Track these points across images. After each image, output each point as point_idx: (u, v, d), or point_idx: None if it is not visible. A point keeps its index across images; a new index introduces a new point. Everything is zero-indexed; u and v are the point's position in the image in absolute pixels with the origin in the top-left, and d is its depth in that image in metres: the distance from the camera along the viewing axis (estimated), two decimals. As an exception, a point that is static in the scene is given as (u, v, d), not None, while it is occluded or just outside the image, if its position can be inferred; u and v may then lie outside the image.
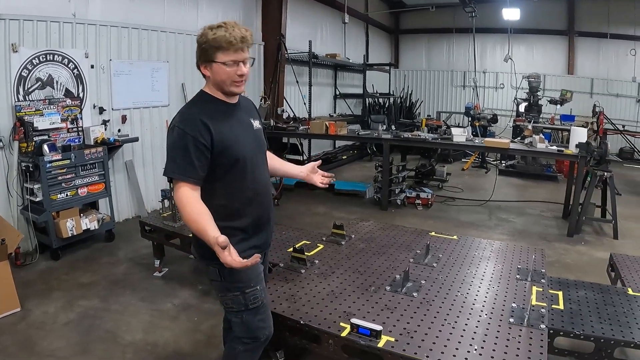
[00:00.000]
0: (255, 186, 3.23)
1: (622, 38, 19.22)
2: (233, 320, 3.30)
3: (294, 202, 10.50)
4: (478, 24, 16.79)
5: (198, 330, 5.18)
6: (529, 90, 14.66)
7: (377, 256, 5.04)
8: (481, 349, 3.28)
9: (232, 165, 3.08)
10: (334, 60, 15.57)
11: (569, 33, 20.29)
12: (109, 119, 8.45)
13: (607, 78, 19.73)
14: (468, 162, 16.19)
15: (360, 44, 19.89)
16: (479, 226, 9.45)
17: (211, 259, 3.01)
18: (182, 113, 3.07)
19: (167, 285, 6.30)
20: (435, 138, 10.53)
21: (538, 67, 18.19)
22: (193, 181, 2.94)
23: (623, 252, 7.10)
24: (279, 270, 4.57)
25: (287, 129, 11.52)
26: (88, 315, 5.45)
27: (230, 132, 3.08)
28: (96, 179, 7.57)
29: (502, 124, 16.52)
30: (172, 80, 9.63)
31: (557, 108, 15.25)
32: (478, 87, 19.53)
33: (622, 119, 18.96)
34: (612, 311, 4.14)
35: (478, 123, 14.97)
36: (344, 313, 3.74)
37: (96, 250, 7.49)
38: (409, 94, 21.47)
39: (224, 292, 3.21)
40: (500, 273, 4.70)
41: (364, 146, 16.95)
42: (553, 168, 14.64)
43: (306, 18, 15.34)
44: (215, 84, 3.09)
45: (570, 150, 9.13)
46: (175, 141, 2.95)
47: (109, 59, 8.43)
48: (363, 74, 18.34)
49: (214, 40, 2.93)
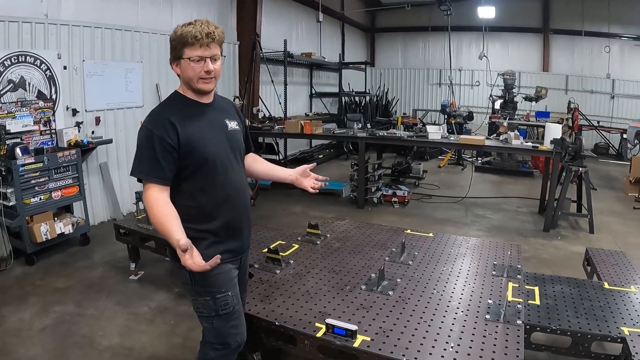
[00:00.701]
0: (226, 188, 3.17)
1: (597, 35, 19.49)
2: (204, 325, 3.26)
3: (271, 202, 10.48)
4: (454, 22, 16.81)
5: (174, 334, 5.15)
6: (504, 87, 14.75)
7: (352, 255, 5.05)
8: (457, 346, 3.29)
9: (200, 166, 3.04)
10: (310, 59, 15.57)
11: (544, 31, 20.58)
12: (82, 121, 8.38)
13: (582, 75, 20.03)
14: (444, 159, 16.27)
15: (336, 42, 19.92)
16: (456, 223, 9.52)
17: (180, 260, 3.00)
18: (152, 114, 3.05)
19: (143, 289, 6.26)
20: (410, 136, 10.61)
21: (513, 65, 18.37)
22: (160, 181, 2.92)
23: (599, 246, 7.21)
24: (254, 271, 4.54)
25: (263, 128, 11.51)
26: (64, 321, 5.39)
27: (199, 132, 3.04)
28: (70, 182, 7.49)
29: (478, 121, 16.69)
30: (146, 80, 9.56)
31: (532, 105, 15.39)
32: (454, 84, 19.59)
33: (596, 115, 19.27)
34: (589, 305, 4.18)
35: (454, 120, 15.04)
36: (319, 313, 3.73)
37: (71, 255, 7.41)
38: (385, 92, 21.62)
39: (195, 296, 3.16)
40: (476, 270, 4.74)
41: (341, 145, 16.98)
42: (529, 164, 14.81)
43: (281, 17, 15.33)
44: (185, 82, 3.06)
45: (545, 146, 9.22)
46: (142, 141, 2.93)
47: (82, 59, 8.35)
48: (339, 73, 18.37)
49: (181, 36, 2.92)
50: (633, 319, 3.95)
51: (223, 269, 3.13)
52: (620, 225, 9.55)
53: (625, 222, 9.77)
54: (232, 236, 3.25)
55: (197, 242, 2.95)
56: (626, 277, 4.97)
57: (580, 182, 9.32)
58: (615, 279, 4.89)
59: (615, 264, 5.34)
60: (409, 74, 23.16)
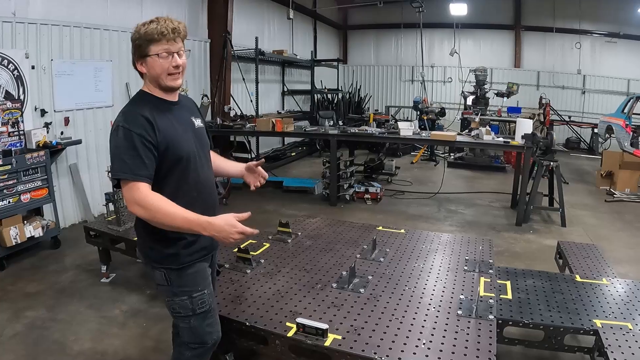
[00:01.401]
0: (198, 185, 3.15)
1: (568, 32, 19.91)
2: (180, 326, 3.22)
3: (243, 201, 10.37)
4: (426, 19, 16.89)
5: (147, 336, 5.10)
6: (475, 83, 14.87)
7: (323, 253, 5.03)
8: (429, 342, 3.30)
9: (175, 163, 2.99)
10: (282, 57, 15.58)
11: (516, 27, 20.91)
12: (51, 122, 8.25)
13: (553, 71, 20.38)
14: (417, 155, 16.36)
15: (308, 40, 19.98)
16: (429, 219, 9.56)
17: (159, 262, 3.02)
18: (125, 112, 2.95)
19: (114, 291, 6.19)
20: (382, 132, 10.61)
21: (485, 61, 18.58)
22: (147, 180, 2.83)
23: (571, 239, 7.31)
24: (224, 271, 4.51)
25: (234, 127, 11.47)
26: (35, 326, 5.31)
27: (172, 129, 2.99)
28: (39, 184, 7.37)
29: (451, 117, 16.77)
30: (116, 79, 9.49)
31: (504, 100, 15.56)
32: (426, 81, 19.70)
33: (568, 110, 19.66)
34: (561, 299, 4.22)
35: (426, 116, 15.19)
36: (290, 313, 3.70)
37: (42, 258, 7.30)
38: (357, 89, 21.75)
39: (170, 296, 3.12)
40: (448, 265, 4.76)
41: (314, 142, 16.97)
42: (501, 159, 14.95)
43: (253, 14, 15.31)
44: (153, 79, 3.01)
45: (517, 141, 9.30)
46: (122, 141, 2.82)
47: (51, 59, 8.22)
48: (311, 70, 18.30)
49: (146, 33, 2.88)
50: (605, 311, 3.99)
51: (198, 268, 3.15)
52: (591, 218, 9.67)
53: (597, 215, 9.90)
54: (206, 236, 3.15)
55: (174, 243, 3.02)
56: (598, 270, 5.03)
57: (551, 176, 9.42)
58: (587, 272, 4.95)
59: (587, 257, 5.41)
60: (381, 70, 23.26)
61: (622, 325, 3.73)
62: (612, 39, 19.52)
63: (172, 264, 3.05)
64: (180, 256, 3.03)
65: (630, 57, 19.40)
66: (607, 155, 12.33)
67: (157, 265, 3.06)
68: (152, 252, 3.05)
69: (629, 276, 6.25)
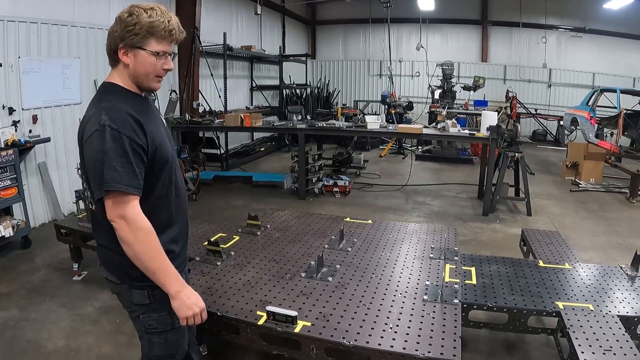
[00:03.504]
0: (179, 189, 2.94)
1: (534, 27, 20.32)
2: (154, 341, 2.97)
3: (212, 196, 10.47)
4: (394, 14, 17.01)
5: (120, 332, 5.13)
6: (442, 77, 15.01)
7: (292, 244, 5.10)
8: (396, 327, 3.39)
9: (162, 167, 2.75)
10: (250, 52, 15.60)
11: (483, 22, 21.14)
12: (19, 120, 8.16)
13: (520, 65, 20.75)
14: (385, 148, 16.49)
15: (276, 35, 20.01)
16: (397, 210, 9.69)
17: (141, 280, 2.73)
18: (108, 110, 2.54)
19: (87, 289, 6.19)
20: (349, 126, 10.74)
21: (453, 56, 18.91)
22: (138, 192, 2.57)
23: (536, 227, 7.48)
24: (195, 263, 4.55)
25: (203, 122, 11.44)
26: (8, 327, 5.31)
27: (155, 128, 2.74)
28: (8, 183, 7.33)
29: (419, 111, 16.89)
30: (84, 76, 9.43)
31: (471, 94, 15.75)
32: (394, 75, 19.81)
33: (534, 103, 20.10)
34: (524, 283, 4.34)
35: (394, 110, 15.29)
36: (260, 302, 3.77)
37: (13, 258, 7.25)
38: (326, 84, 21.79)
39: (149, 313, 2.87)
40: (414, 253, 4.86)
41: (283, 137, 17.06)
42: (468, 152, 15.16)
43: (221, 10, 15.31)
44: (134, 75, 2.68)
45: (482, 133, 9.43)
46: (110, 145, 2.46)
47: (18, 56, 8.15)
48: (279, 66, 18.34)
49: (151, 25, 2.58)
50: (567, 294, 4.11)
51: None
52: (557, 207, 9.90)
53: (562, 204, 10.14)
54: (184, 241, 3.08)
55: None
56: (560, 255, 5.15)
57: (517, 167, 9.57)
58: (550, 257, 5.07)
59: (550, 243, 5.53)
60: (350, 65, 23.36)
61: (584, 307, 3.84)
62: (578, 33, 19.90)
63: None
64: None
65: (595, 51, 19.81)
66: (572, 147, 12.57)
67: (139, 283, 2.76)
68: (134, 270, 2.68)
69: (593, 262, 6.37)
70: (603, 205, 10.11)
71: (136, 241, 2.54)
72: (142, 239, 2.55)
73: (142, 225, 2.55)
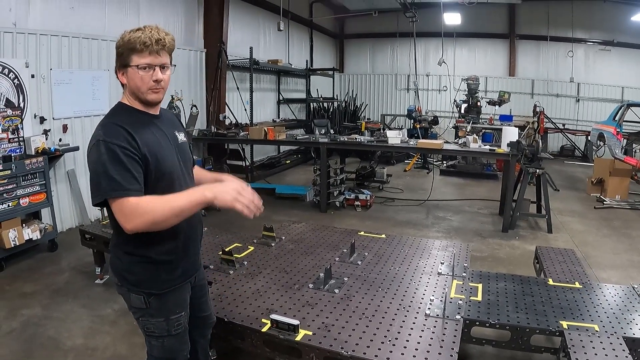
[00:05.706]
0: None
1: (561, 40, 20.10)
2: (153, 344, 3.11)
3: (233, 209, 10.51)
4: (421, 28, 17.10)
5: (136, 334, 5.20)
6: (468, 92, 14.99)
7: (304, 256, 5.22)
8: (395, 339, 3.47)
9: (159, 179, 2.80)
10: (276, 66, 15.66)
11: (510, 36, 20.97)
12: (49, 129, 8.44)
13: (547, 79, 20.52)
14: (410, 163, 16.48)
15: (304, 48, 20.12)
16: (416, 225, 9.70)
17: (137, 286, 2.89)
18: (104, 125, 2.73)
19: (107, 292, 6.32)
20: (370, 140, 10.81)
21: (480, 70, 18.86)
22: (137, 194, 2.62)
23: (556, 245, 7.45)
24: (208, 271, 4.65)
25: (228, 135, 11.62)
26: (31, 323, 5.50)
27: (155, 144, 2.81)
28: (37, 188, 7.54)
29: (444, 126, 16.86)
30: (113, 88, 9.50)
31: (496, 109, 15.66)
32: (420, 90, 19.88)
33: (562, 118, 19.80)
34: (530, 301, 4.32)
35: (419, 125, 15.33)
36: (266, 310, 3.88)
37: (39, 260, 7.47)
38: (353, 97, 21.86)
39: (147, 317, 3.00)
40: (423, 269, 4.92)
41: (309, 150, 17.02)
42: (493, 167, 15.06)
43: (248, 23, 15.48)
44: (132, 92, 2.83)
45: (502, 149, 9.44)
46: (104, 156, 2.59)
47: (50, 68, 8.40)
48: (307, 79, 18.51)
49: (129, 42, 2.72)
50: (574, 313, 4.07)
51: (179, 292, 3.07)
52: (579, 224, 9.80)
53: (585, 221, 10.03)
54: (187, 254, 3.10)
55: (156, 266, 2.91)
56: (572, 274, 5.13)
57: (538, 183, 9.55)
58: (561, 276, 5.05)
59: (563, 262, 5.50)
60: (377, 79, 23.39)
61: (589, 327, 3.81)
62: (606, 47, 19.71)
63: (152, 289, 2.92)
64: (162, 281, 2.92)
65: (624, 64, 19.54)
66: (598, 163, 12.51)
67: (136, 289, 2.91)
68: (131, 275, 2.89)
69: (611, 281, 6.36)
70: (627, 223, 9.98)
71: (154, 218, 2.61)
72: (153, 213, 2.61)
73: (144, 205, 2.61)
